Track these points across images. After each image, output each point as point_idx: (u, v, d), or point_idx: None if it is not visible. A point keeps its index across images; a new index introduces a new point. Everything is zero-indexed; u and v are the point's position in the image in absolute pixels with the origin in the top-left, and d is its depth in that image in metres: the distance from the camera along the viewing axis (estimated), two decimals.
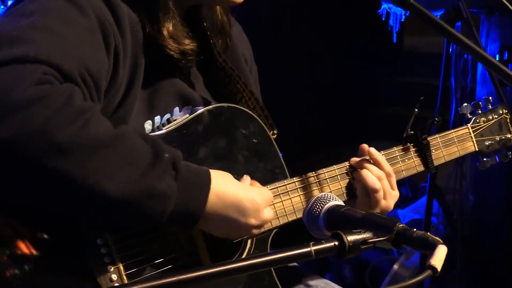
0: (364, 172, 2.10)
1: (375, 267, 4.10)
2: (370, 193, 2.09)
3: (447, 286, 3.97)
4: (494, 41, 3.77)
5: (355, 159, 2.14)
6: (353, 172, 2.13)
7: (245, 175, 1.95)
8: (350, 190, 2.13)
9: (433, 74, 3.88)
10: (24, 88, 1.58)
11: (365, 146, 2.15)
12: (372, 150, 2.15)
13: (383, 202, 2.09)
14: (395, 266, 4.01)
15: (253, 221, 1.86)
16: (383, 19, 4.14)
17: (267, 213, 1.90)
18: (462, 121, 2.48)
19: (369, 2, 4.27)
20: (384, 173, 2.11)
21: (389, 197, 2.11)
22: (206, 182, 1.79)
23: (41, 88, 1.60)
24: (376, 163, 2.13)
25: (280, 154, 2.07)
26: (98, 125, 1.65)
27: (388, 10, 4.12)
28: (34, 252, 1.71)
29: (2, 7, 3.45)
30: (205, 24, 2.09)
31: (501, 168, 2.54)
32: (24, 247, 1.69)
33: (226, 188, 1.83)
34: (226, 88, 2.10)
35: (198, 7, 2.09)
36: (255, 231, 1.90)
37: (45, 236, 1.72)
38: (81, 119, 1.62)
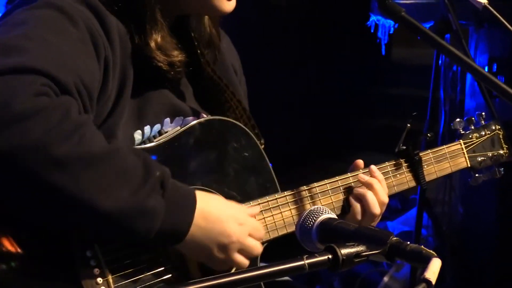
0: (370, 195, 2.08)
1: (365, 279, 4.08)
2: (367, 215, 2.07)
3: None
4: (483, 53, 3.78)
5: (363, 177, 2.11)
6: (348, 188, 2.12)
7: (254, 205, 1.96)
8: (342, 206, 2.12)
9: (422, 85, 3.89)
10: (23, 99, 1.58)
11: (361, 161, 2.14)
12: (374, 168, 2.14)
13: (372, 224, 2.09)
14: (385, 278, 4.00)
15: (234, 238, 1.84)
16: (372, 31, 4.15)
17: (251, 241, 1.89)
18: (451, 133, 2.47)
19: (357, 14, 4.28)
20: (384, 201, 2.10)
21: (378, 221, 2.11)
22: (192, 202, 1.79)
23: (39, 100, 1.60)
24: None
25: (270, 165, 2.06)
26: (93, 139, 1.66)
27: (377, 22, 4.13)
28: (22, 264, 1.69)
29: None
30: (192, 35, 2.09)
31: (490, 180, 2.53)
32: (12, 259, 1.68)
33: (211, 208, 1.83)
34: (215, 97, 2.10)
35: (187, 17, 2.09)
36: (238, 258, 1.87)
37: (34, 247, 1.71)
38: (78, 134, 1.63)
